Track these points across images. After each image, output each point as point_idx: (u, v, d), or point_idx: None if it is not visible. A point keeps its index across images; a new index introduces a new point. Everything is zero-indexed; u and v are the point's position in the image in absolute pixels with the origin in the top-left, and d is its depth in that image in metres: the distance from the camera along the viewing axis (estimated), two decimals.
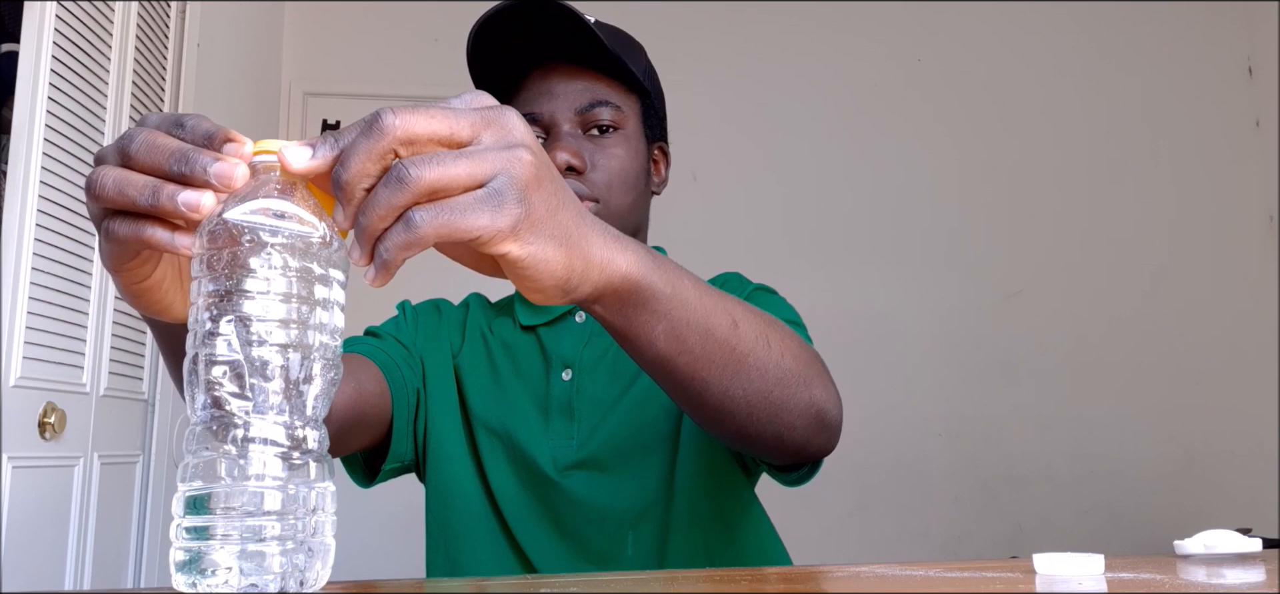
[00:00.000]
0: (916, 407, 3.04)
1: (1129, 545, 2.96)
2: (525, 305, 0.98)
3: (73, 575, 1.80)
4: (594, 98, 0.91)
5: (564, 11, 0.86)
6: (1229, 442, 3.09)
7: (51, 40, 1.68)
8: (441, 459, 0.93)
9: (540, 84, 0.92)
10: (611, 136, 0.92)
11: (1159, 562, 0.62)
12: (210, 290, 0.44)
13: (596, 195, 0.90)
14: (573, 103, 0.91)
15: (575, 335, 0.96)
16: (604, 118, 0.91)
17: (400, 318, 1.02)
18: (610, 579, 0.61)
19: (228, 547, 0.43)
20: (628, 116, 0.93)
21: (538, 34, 0.89)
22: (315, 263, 0.46)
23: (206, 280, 0.45)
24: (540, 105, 0.91)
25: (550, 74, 0.92)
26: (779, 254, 3.07)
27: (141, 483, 2.10)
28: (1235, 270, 3.20)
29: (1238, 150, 3.26)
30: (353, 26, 3.11)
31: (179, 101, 2.22)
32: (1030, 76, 3.27)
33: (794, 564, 0.93)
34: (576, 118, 0.91)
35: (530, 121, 0.87)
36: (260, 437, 0.44)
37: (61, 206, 1.73)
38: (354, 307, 0.55)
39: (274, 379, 0.44)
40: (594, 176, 0.90)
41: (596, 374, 0.93)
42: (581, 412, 0.91)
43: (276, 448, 0.44)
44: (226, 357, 0.44)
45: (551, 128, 0.91)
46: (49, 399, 1.71)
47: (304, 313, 0.45)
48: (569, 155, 0.88)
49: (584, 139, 0.91)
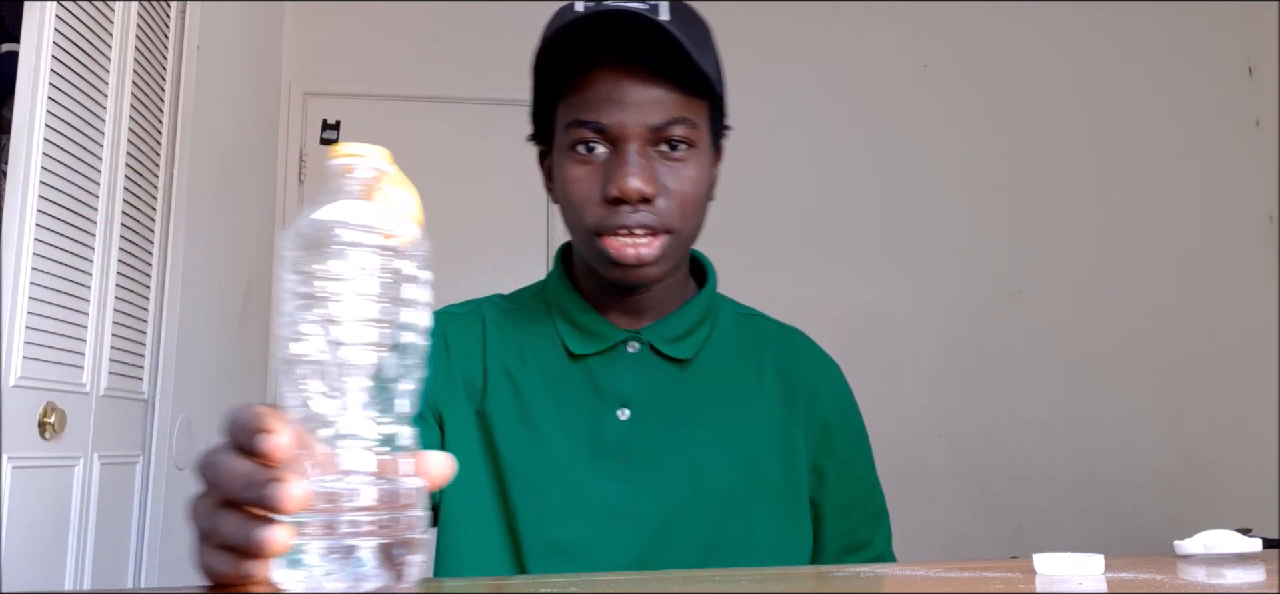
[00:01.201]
0: (916, 407, 3.04)
1: (1129, 545, 2.96)
2: (574, 330, 0.89)
3: (73, 575, 1.80)
4: (670, 115, 0.81)
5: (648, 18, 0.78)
6: (1229, 442, 3.09)
7: (51, 40, 1.68)
8: (461, 523, 0.84)
9: (610, 88, 0.81)
10: (684, 156, 0.82)
11: (1159, 562, 0.62)
12: (298, 292, 0.45)
13: (667, 226, 0.82)
14: (646, 118, 0.80)
15: (631, 369, 0.88)
16: (678, 134, 0.82)
17: None
18: (610, 579, 0.61)
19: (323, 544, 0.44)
20: (701, 131, 0.84)
21: (615, 30, 0.79)
22: (399, 261, 0.47)
23: (294, 282, 0.46)
24: (609, 115, 0.81)
25: (622, 79, 0.81)
26: (780, 254, 3.07)
27: (141, 483, 2.10)
28: (1235, 270, 3.20)
29: (1238, 150, 3.27)
30: (353, 26, 3.11)
31: (179, 101, 2.22)
32: (1030, 76, 3.27)
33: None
34: (648, 135, 0.81)
35: (594, 130, 0.81)
36: (352, 434, 0.45)
37: (61, 206, 1.73)
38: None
39: (363, 378, 0.45)
40: (664, 204, 0.81)
41: (656, 413, 0.86)
42: (638, 454, 0.85)
43: (368, 445, 0.45)
44: (316, 357, 0.45)
45: (618, 142, 0.81)
46: (49, 399, 1.71)
47: (390, 311, 0.46)
48: (642, 184, 0.79)
49: (654, 158, 0.82)
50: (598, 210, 0.82)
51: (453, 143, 3.09)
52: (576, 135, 0.82)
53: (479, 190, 3.01)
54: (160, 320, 2.14)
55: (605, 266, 0.83)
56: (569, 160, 0.83)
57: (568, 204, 0.84)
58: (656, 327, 0.89)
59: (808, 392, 0.92)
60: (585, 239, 0.84)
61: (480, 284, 3.21)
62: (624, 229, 0.81)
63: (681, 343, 0.89)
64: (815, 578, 0.61)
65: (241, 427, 0.46)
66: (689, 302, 0.92)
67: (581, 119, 0.81)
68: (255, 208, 2.85)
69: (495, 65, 3.14)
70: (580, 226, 0.84)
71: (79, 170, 1.79)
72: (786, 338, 0.97)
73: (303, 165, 3.04)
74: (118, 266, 1.93)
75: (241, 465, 0.46)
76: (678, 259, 0.87)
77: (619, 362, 0.88)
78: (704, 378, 0.90)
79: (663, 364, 0.89)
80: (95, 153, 1.85)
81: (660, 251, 0.82)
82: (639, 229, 0.81)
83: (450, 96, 3.11)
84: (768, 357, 0.93)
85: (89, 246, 1.83)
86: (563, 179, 0.84)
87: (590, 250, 0.84)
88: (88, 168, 1.82)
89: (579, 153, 0.82)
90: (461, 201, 3.03)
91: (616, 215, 0.81)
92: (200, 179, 2.32)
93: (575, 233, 0.86)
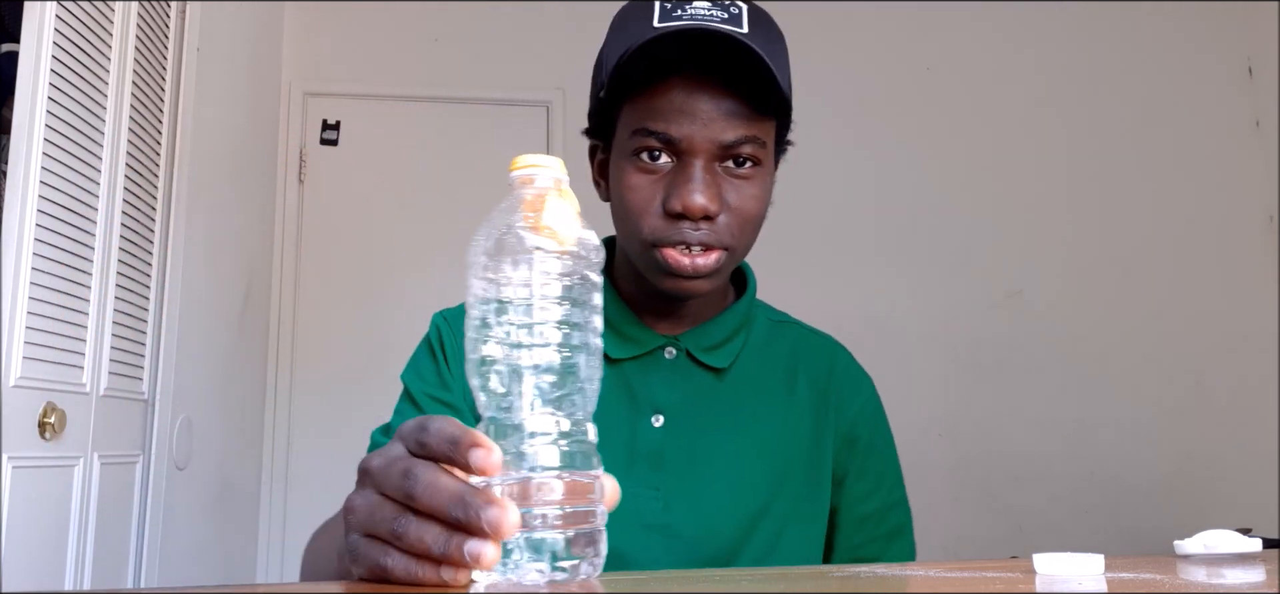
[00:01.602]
0: (916, 406, 3.04)
1: (1129, 545, 2.96)
2: (612, 333, 0.84)
3: (73, 575, 1.80)
4: (741, 133, 0.79)
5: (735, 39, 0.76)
6: (1229, 442, 3.09)
7: (51, 40, 1.68)
8: None
9: (684, 100, 0.78)
10: (749, 174, 0.81)
11: (1159, 562, 0.62)
12: (486, 297, 0.49)
13: (726, 244, 0.81)
14: (716, 135, 0.78)
15: (667, 375, 0.87)
16: (746, 153, 0.80)
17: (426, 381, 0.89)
18: (610, 579, 0.61)
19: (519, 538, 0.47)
20: (767, 150, 0.82)
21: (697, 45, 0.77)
22: (578, 267, 0.50)
23: (482, 287, 0.49)
24: (680, 127, 0.78)
25: (697, 92, 0.78)
26: (780, 254, 3.06)
27: (141, 483, 2.10)
28: (1235, 270, 3.20)
29: (1238, 150, 3.26)
30: (353, 26, 3.11)
31: (179, 101, 2.22)
32: (1030, 76, 3.27)
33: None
34: (717, 150, 0.79)
35: (661, 140, 0.79)
36: (539, 431, 0.48)
37: (61, 206, 1.73)
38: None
39: (548, 377, 0.48)
40: (725, 222, 0.80)
41: (689, 421, 0.85)
42: (672, 462, 0.84)
43: (553, 440, 0.48)
44: (504, 359, 0.48)
45: (685, 154, 0.79)
46: (49, 399, 1.71)
47: (571, 314, 0.49)
48: (707, 201, 0.78)
49: (720, 174, 0.80)
50: (657, 222, 0.80)
51: (453, 143, 3.09)
52: (642, 143, 0.80)
53: (479, 190, 3.00)
54: (160, 320, 2.14)
55: (658, 276, 0.82)
56: (631, 166, 0.81)
57: (625, 210, 0.83)
58: (694, 333, 0.89)
59: (838, 403, 0.92)
60: (641, 248, 0.82)
61: None
62: (683, 244, 0.80)
63: (719, 351, 0.89)
64: (815, 578, 0.61)
65: (447, 439, 0.48)
66: (728, 309, 0.91)
67: (650, 127, 0.79)
68: (255, 208, 2.85)
69: (495, 65, 3.14)
70: (636, 235, 0.82)
71: (79, 170, 1.79)
72: (822, 348, 0.96)
73: (303, 165, 3.04)
74: (118, 266, 1.93)
75: (450, 484, 0.47)
76: (729, 274, 0.87)
77: (655, 368, 0.88)
78: (738, 387, 0.90)
79: (698, 371, 0.89)
80: (95, 153, 1.85)
81: (716, 266, 0.81)
82: (697, 244, 0.80)
83: (450, 96, 3.11)
84: (801, 368, 0.93)
85: (89, 246, 1.83)
86: (622, 185, 0.82)
87: (644, 259, 0.83)
88: (88, 168, 1.82)
89: (642, 160, 0.81)
90: (461, 201, 3.03)
91: (676, 230, 0.79)
92: (200, 179, 2.32)
93: (629, 240, 0.84)
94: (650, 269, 0.83)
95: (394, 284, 2.98)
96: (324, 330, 2.98)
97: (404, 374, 0.91)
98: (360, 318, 2.98)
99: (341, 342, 2.97)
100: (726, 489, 0.84)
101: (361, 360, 2.91)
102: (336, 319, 2.98)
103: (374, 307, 2.97)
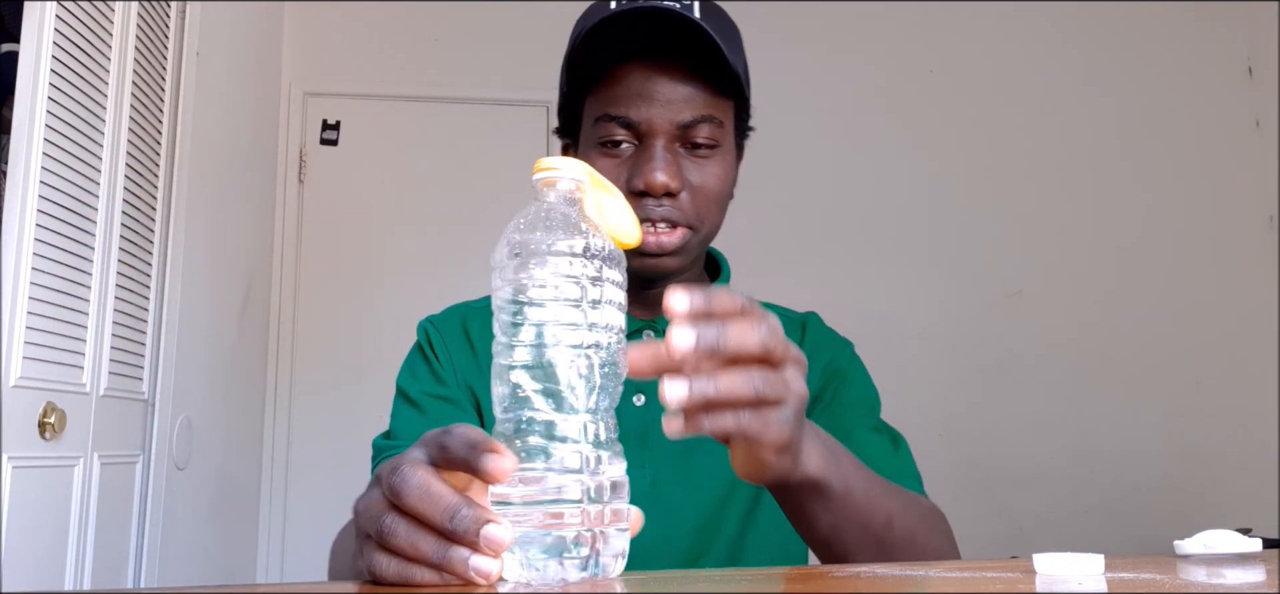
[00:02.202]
0: (916, 407, 3.04)
1: (1129, 545, 2.96)
2: None
3: (73, 575, 1.80)
4: (698, 113, 0.82)
5: (683, 16, 0.79)
6: (1229, 442, 3.09)
7: (51, 40, 1.68)
8: None
9: (641, 83, 0.82)
10: (709, 154, 0.84)
11: (1159, 562, 0.62)
12: (506, 299, 0.50)
13: (690, 222, 0.84)
14: (674, 115, 0.82)
15: None
16: (704, 132, 0.83)
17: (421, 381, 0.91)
18: (610, 579, 0.61)
19: (528, 536, 0.48)
20: (726, 131, 0.85)
21: (648, 27, 0.80)
22: (597, 269, 0.51)
23: (503, 289, 0.51)
24: (638, 110, 0.82)
25: (653, 75, 0.82)
26: (780, 254, 3.07)
27: (141, 483, 2.10)
28: (1235, 270, 3.20)
29: (1238, 150, 3.26)
30: (353, 26, 3.11)
31: (179, 102, 2.22)
32: (1030, 76, 3.27)
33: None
34: (676, 131, 0.82)
35: (622, 125, 0.83)
36: (557, 434, 0.49)
37: (61, 206, 1.73)
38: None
39: (565, 378, 0.49)
40: (688, 200, 0.83)
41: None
42: (656, 439, 0.86)
43: (569, 443, 0.49)
44: (521, 361, 0.50)
45: (646, 137, 0.83)
46: (49, 399, 1.71)
47: (589, 315, 0.50)
48: (668, 179, 0.81)
49: (681, 155, 0.83)
50: None
51: (453, 143, 3.09)
52: (605, 130, 0.84)
53: (479, 190, 3.01)
54: (160, 320, 2.14)
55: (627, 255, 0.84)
56: (596, 153, 0.85)
57: None
58: None
59: (812, 365, 0.93)
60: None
61: (481, 284, 3.17)
62: (648, 221, 0.83)
63: None
64: (815, 578, 0.61)
65: (467, 443, 0.49)
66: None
67: (610, 113, 0.83)
68: (255, 208, 2.85)
69: (495, 65, 3.14)
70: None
71: (79, 170, 1.79)
72: (794, 320, 0.99)
73: (303, 165, 3.04)
74: (118, 266, 1.93)
75: (443, 491, 0.48)
76: (697, 254, 0.89)
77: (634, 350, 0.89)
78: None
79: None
80: (95, 153, 1.85)
81: (681, 243, 0.84)
82: (662, 222, 0.83)
83: (450, 96, 3.11)
84: None
85: (89, 246, 1.83)
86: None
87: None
88: (88, 168, 1.82)
89: (607, 147, 0.84)
90: (461, 201, 3.03)
91: (641, 208, 0.82)
92: (200, 179, 2.32)
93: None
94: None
95: (394, 284, 2.98)
96: (324, 330, 2.98)
97: (398, 378, 0.93)
98: (360, 318, 2.98)
99: (341, 342, 2.97)
100: (708, 457, 0.85)
101: (361, 360, 2.91)
102: (336, 319, 2.98)
103: (374, 307, 2.97)
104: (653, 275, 0.86)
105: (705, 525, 0.86)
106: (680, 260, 0.85)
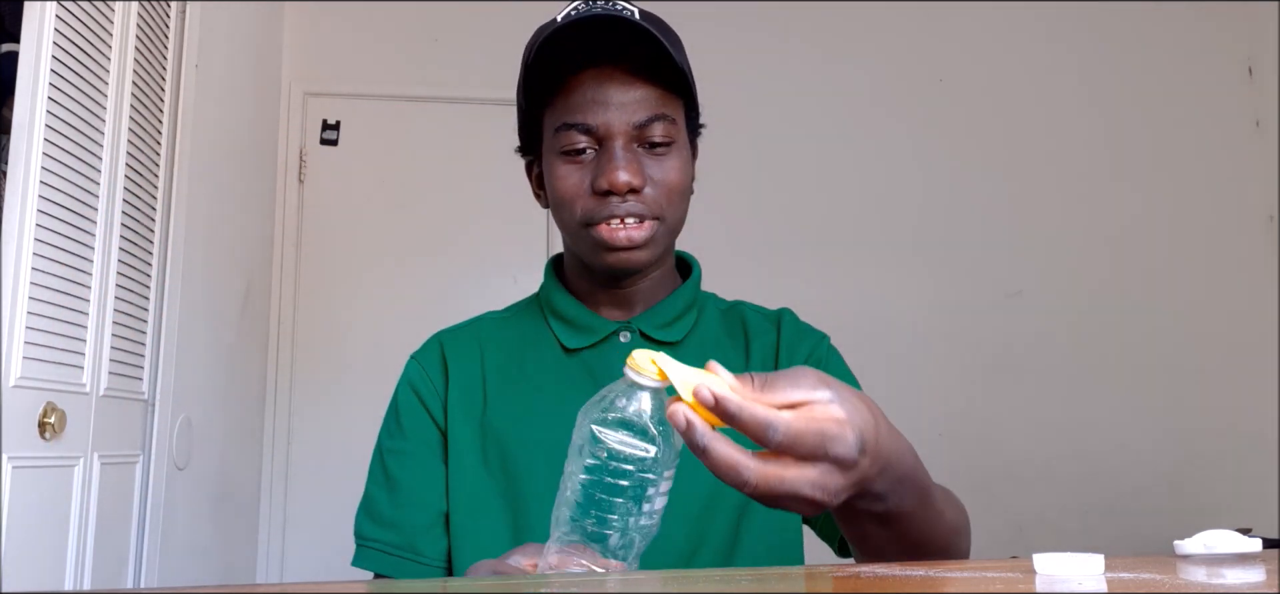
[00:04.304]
0: (916, 406, 3.04)
1: (1129, 545, 2.96)
2: (567, 326, 0.95)
3: (73, 575, 1.80)
4: (652, 113, 0.87)
5: (624, 18, 0.83)
6: (1229, 441, 3.09)
7: (51, 40, 1.68)
8: (470, 531, 0.89)
9: (594, 90, 0.86)
10: (666, 150, 0.88)
11: (1159, 562, 0.62)
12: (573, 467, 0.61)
13: (657, 214, 0.88)
14: (629, 117, 0.86)
15: (623, 356, 0.92)
16: (659, 130, 0.87)
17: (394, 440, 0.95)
18: (610, 577, 0.61)
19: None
20: (679, 127, 0.90)
21: (595, 36, 0.85)
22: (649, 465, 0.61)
23: (574, 458, 0.61)
24: (594, 115, 0.86)
25: (605, 80, 0.86)
26: (780, 253, 3.07)
27: (141, 483, 2.10)
28: (1235, 270, 3.20)
29: (1238, 150, 3.26)
30: (353, 26, 3.11)
31: (179, 101, 2.22)
32: (1030, 76, 3.27)
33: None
34: (632, 131, 0.87)
35: (582, 131, 0.86)
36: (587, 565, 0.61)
37: (61, 206, 1.73)
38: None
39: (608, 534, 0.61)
40: (652, 194, 0.87)
41: None
42: None
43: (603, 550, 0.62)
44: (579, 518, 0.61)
45: (605, 140, 0.87)
46: (49, 399, 1.71)
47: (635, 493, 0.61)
48: (630, 176, 0.85)
49: (639, 153, 0.88)
50: (588, 202, 0.87)
51: (453, 143, 3.09)
52: (565, 138, 0.87)
53: (479, 190, 3.01)
54: (160, 320, 2.14)
55: (597, 254, 0.89)
56: (559, 161, 0.89)
57: (559, 201, 0.89)
58: (646, 315, 0.94)
59: (789, 358, 0.95)
60: (577, 231, 0.89)
61: (480, 283, 3.20)
62: (614, 217, 0.86)
63: (671, 327, 0.94)
64: (815, 578, 0.61)
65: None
66: (676, 291, 0.97)
67: (568, 121, 0.87)
68: (255, 208, 2.85)
69: (495, 65, 3.12)
70: (572, 220, 0.89)
71: (79, 170, 1.79)
72: (769, 316, 1.00)
73: (303, 165, 3.04)
74: (118, 266, 1.93)
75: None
76: (665, 247, 0.92)
77: (613, 352, 0.93)
78: (695, 362, 0.91)
79: (653, 349, 0.90)
80: (95, 153, 1.85)
81: (649, 235, 0.88)
82: (629, 217, 0.86)
83: (450, 96, 3.11)
84: (753, 337, 0.97)
85: (89, 246, 1.83)
86: (553, 178, 0.89)
87: (582, 241, 0.89)
88: (88, 168, 1.82)
89: (569, 154, 0.88)
90: (461, 202, 3.03)
91: (606, 206, 0.86)
92: (200, 179, 2.32)
93: (567, 227, 0.91)
94: (590, 251, 0.89)
95: (394, 284, 2.98)
96: (324, 330, 2.97)
97: (380, 433, 0.97)
98: (360, 318, 2.97)
99: (341, 342, 2.97)
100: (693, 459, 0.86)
101: (361, 360, 2.91)
102: (336, 319, 2.98)
103: (374, 307, 2.97)
104: (625, 269, 0.90)
105: (701, 515, 0.87)
106: (650, 252, 0.89)
